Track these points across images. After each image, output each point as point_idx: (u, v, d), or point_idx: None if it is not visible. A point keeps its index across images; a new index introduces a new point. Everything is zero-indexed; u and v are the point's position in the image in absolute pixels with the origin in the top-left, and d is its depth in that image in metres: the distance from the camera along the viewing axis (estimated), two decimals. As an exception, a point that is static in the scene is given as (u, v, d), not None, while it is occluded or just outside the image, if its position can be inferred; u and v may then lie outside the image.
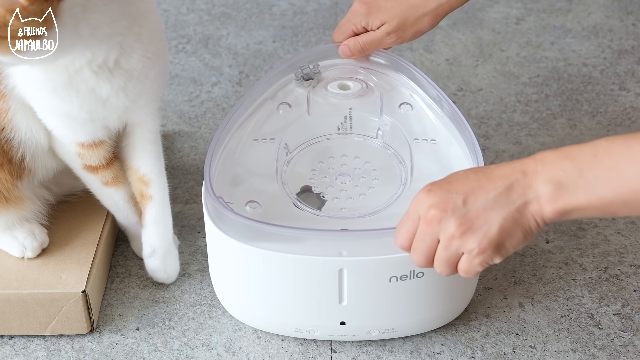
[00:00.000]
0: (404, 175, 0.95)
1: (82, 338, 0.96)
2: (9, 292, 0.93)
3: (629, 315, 0.97)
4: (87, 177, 0.98)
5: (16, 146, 0.92)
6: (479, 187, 0.75)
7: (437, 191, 0.76)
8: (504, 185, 0.74)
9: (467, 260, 0.75)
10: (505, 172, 0.75)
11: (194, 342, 0.95)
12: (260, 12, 1.55)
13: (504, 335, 0.95)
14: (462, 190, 0.75)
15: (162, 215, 0.98)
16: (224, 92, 1.34)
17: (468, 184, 0.75)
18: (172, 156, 1.20)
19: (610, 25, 1.49)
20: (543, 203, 0.73)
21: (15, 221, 0.97)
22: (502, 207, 0.74)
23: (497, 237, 0.74)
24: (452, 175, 0.78)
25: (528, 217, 0.74)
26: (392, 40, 1.01)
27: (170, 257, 1.00)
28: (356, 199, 0.94)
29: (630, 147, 0.70)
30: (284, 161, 0.97)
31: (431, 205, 0.75)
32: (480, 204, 0.74)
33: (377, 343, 0.94)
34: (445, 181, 0.77)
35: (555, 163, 0.73)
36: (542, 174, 0.73)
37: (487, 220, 0.74)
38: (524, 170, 0.74)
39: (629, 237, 1.07)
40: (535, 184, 0.73)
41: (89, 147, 0.93)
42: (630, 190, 0.69)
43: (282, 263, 0.86)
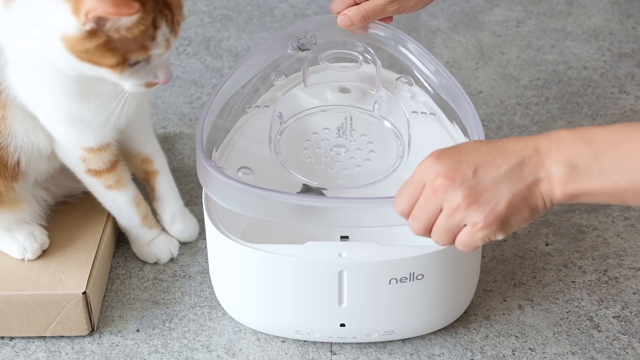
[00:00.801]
0: (401, 148, 0.94)
1: (83, 339, 0.96)
2: (9, 294, 0.93)
3: (628, 318, 0.97)
4: (90, 181, 0.98)
5: (12, 151, 0.93)
6: (490, 159, 0.73)
7: (446, 159, 0.74)
8: (516, 160, 0.72)
9: (469, 233, 0.74)
10: (517, 147, 0.73)
11: (194, 344, 0.95)
12: (261, 14, 1.55)
13: (503, 338, 0.95)
14: (473, 161, 0.73)
15: (170, 183, 1.05)
16: (224, 94, 1.34)
17: (479, 155, 0.73)
18: (172, 158, 1.21)
19: (611, 29, 1.49)
20: (554, 184, 0.71)
21: (13, 223, 0.97)
22: (513, 182, 0.72)
23: (505, 213, 0.72)
24: (461, 145, 0.76)
25: (537, 195, 0.72)
26: (394, 8, 0.96)
27: (188, 217, 1.06)
28: (352, 170, 0.93)
29: None
30: (277, 130, 0.95)
31: (439, 173, 0.73)
32: (490, 177, 0.72)
33: (376, 345, 0.95)
34: (455, 150, 0.75)
35: (570, 144, 0.71)
36: (556, 154, 0.71)
37: (496, 194, 0.72)
38: (537, 147, 0.72)
39: (628, 240, 1.07)
40: (548, 163, 0.71)
41: (96, 151, 0.94)
42: None
43: (283, 265, 0.86)
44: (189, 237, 1.07)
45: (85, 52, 0.79)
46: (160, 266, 1.04)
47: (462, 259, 0.90)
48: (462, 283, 0.92)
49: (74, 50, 0.79)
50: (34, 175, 0.97)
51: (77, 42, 0.78)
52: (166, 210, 1.05)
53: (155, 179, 1.04)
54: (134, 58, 0.80)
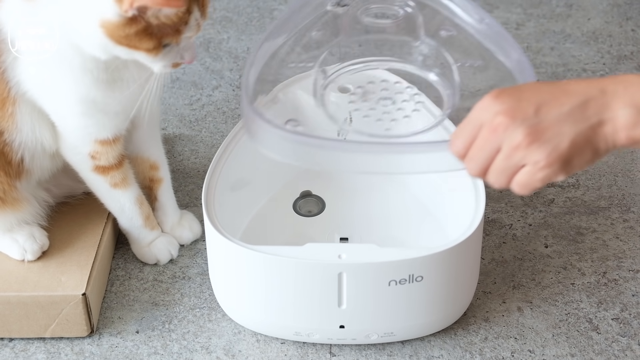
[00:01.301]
0: (450, 99, 0.91)
1: (82, 341, 0.96)
2: (9, 295, 0.93)
3: (627, 320, 0.97)
4: (95, 179, 0.98)
5: (16, 148, 0.93)
6: (552, 98, 0.70)
7: (506, 98, 0.71)
8: (580, 100, 0.70)
9: (529, 173, 0.71)
10: (581, 88, 0.70)
11: (194, 345, 0.95)
12: (260, 16, 1.55)
13: (502, 340, 0.95)
14: (534, 100, 0.70)
15: (171, 193, 1.07)
16: (224, 96, 1.34)
17: (541, 94, 0.71)
18: (172, 160, 1.21)
19: (610, 31, 1.49)
20: (619, 126, 0.69)
21: (14, 223, 0.97)
22: (577, 122, 0.70)
23: (567, 152, 0.70)
24: (522, 85, 0.74)
25: (600, 137, 0.70)
26: None
27: (190, 218, 1.08)
28: (400, 121, 0.91)
29: None
30: (322, 85, 0.94)
31: (499, 111, 0.70)
32: (553, 116, 0.70)
33: (376, 347, 0.95)
34: (514, 89, 0.72)
35: (638, 86, 0.69)
36: (623, 96, 0.69)
37: (559, 133, 0.70)
38: (603, 88, 0.70)
39: (627, 242, 1.07)
40: (614, 105, 0.69)
41: (109, 143, 0.95)
42: None
43: (282, 266, 0.87)
44: (194, 237, 1.08)
45: (124, 37, 0.82)
46: (160, 267, 1.05)
47: (461, 260, 0.90)
48: (462, 284, 0.93)
49: (113, 35, 0.82)
50: (37, 174, 0.97)
51: (117, 28, 0.81)
52: (167, 219, 1.06)
53: (159, 187, 1.05)
54: (168, 41, 0.84)
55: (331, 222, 1.03)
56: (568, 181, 1.17)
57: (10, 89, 0.89)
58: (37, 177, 0.98)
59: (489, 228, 1.09)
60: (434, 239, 0.98)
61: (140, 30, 0.82)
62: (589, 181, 1.17)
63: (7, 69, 0.88)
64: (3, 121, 0.91)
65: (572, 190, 1.16)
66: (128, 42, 0.82)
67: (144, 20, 0.81)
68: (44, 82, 0.89)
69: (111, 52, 0.84)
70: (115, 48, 0.83)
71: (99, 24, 0.82)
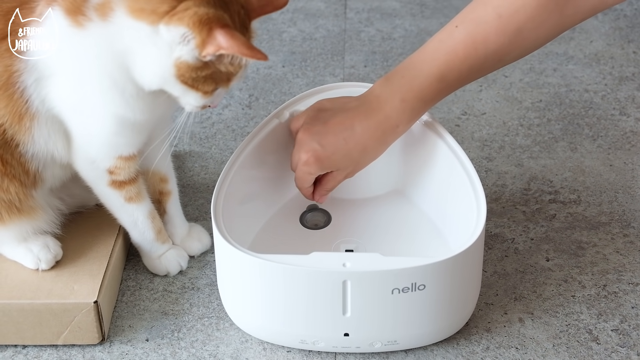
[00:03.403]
0: None
1: (93, 348, 0.99)
2: (23, 302, 0.96)
3: (627, 331, 0.99)
4: (110, 194, 1.00)
5: (29, 158, 0.96)
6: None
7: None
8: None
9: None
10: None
11: (202, 353, 0.97)
12: (270, 37, 1.59)
13: (504, 349, 0.97)
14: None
15: (178, 205, 1.09)
16: (234, 114, 1.37)
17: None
18: (182, 175, 1.24)
19: (612, 53, 1.52)
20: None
21: (29, 232, 1.00)
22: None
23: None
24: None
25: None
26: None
27: (198, 230, 1.11)
28: None
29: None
30: None
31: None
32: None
33: (380, 355, 0.97)
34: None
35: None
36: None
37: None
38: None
39: (627, 256, 1.10)
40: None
41: (131, 159, 0.97)
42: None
43: (287, 274, 0.89)
44: (203, 248, 1.10)
45: (191, 79, 0.86)
46: (170, 278, 1.07)
47: (462, 270, 0.92)
48: (463, 294, 0.95)
49: (182, 75, 0.86)
50: (49, 182, 1.00)
51: (190, 69, 0.86)
52: (176, 231, 1.08)
53: (168, 199, 1.07)
54: (220, 86, 0.89)
55: (337, 234, 1.06)
56: (569, 197, 1.19)
57: (29, 106, 0.92)
58: (49, 185, 1.01)
59: (492, 242, 1.12)
60: (438, 251, 1.01)
61: (209, 74, 0.86)
62: (590, 197, 1.19)
63: (27, 87, 0.91)
64: (20, 134, 0.94)
65: (573, 205, 1.18)
66: (193, 82, 0.87)
67: (214, 67, 0.86)
68: (78, 102, 0.92)
69: (167, 87, 0.88)
70: (175, 86, 0.87)
71: (173, 63, 0.85)
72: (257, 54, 0.83)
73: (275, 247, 1.04)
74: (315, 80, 1.46)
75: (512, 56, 0.95)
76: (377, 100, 0.97)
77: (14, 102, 0.92)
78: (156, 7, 0.84)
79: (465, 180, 0.99)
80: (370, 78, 1.46)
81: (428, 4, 1.70)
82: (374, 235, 1.06)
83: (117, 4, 0.85)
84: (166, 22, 0.84)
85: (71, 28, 0.88)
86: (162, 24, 0.84)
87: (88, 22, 0.87)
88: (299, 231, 1.07)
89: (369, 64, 1.51)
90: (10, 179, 0.96)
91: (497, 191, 1.21)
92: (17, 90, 0.91)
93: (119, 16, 0.85)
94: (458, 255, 0.89)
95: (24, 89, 0.91)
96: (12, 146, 0.94)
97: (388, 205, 1.10)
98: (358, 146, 0.97)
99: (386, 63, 1.51)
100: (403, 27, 1.62)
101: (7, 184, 0.96)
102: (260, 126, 1.06)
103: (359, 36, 1.60)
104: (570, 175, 1.24)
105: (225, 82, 0.89)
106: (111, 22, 0.86)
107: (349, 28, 1.62)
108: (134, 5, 0.84)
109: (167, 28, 0.84)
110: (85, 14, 0.87)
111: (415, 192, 1.10)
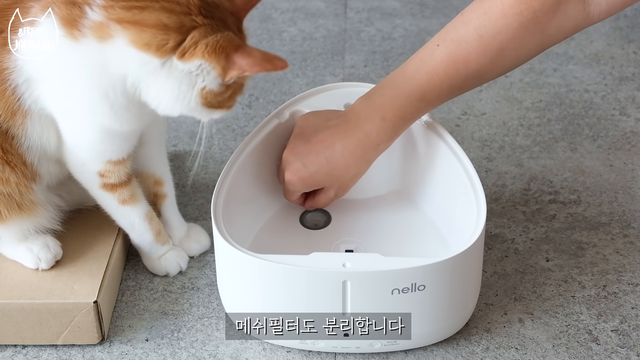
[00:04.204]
0: None
1: (93, 348, 0.99)
2: (23, 302, 0.96)
3: (627, 332, 0.99)
4: (103, 196, 1.00)
5: (26, 151, 0.96)
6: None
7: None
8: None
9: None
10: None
11: (202, 353, 0.97)
12: (270, 37, 1.59)
13: (503, 350, 0.97)
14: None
15: (175, 208, 1.09)
16: (234, 114, 1.37)
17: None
18: (182, 175, 1.24)
19: (612, 53, 1.52)
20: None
21: (30, 230, 1.00)
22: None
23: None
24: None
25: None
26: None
27: (197, 230, 1.11)
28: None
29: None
30: None
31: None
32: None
33: (379, 356, 0.97)
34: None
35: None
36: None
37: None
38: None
39: (627, 256, 1.10)
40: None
41: (121, 163, 0.97)
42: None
43: (287, 274, 0.89)
44: (202, 249, 1.10)
45: (219, 102, 0.87)
46: (170, 278, 1.07)
47: (462, 270, 0.92)
48: (463, 295, 0.95)
49: (208, 102, 0.86)
50: (46, 178, 1.00)
51: (215, 95, 0.86)
52: (174, 233, 1.08)
53: (163, 202, 1.07)
54: (238, 95, 0.89)
55: (337, 234, 1.06)
56: (569, 197, 1.19)
57: (21, 103, 0.92)
58: (47, 182, 1.01)
59: (491, 242, 1.12)
60: (438, 252, 1.01)
61: (233, 92, 0.87)
62: (590, 197, 1.19)
63: (18, 85, 0.91)
64: (14, 129, 0.94)
65: (573, 206, 1.18)
66: (220, 104, 0.87)
67: (236, 83, 0.86)
68: (66, 109, 0.92)
69: (192, 114, 0.88)
70: (202, 111, 0.87)
71: (197, 93, 0.85)
72: (278, 65, 0.83)
73: (275, 247, 1.04)
74: (316, 80, 1.46)
75: (493, 74, 0.95)
76: (357, 118, 0.97)
77: (6, 99, 0.92)
78: (162, 43, 0.83)
79: (465, 180, 0.99)
80: (370, 78, 1.46)
81: (428, 3, 1.70)
82: (374, 236, 1.06)
83: (118, 32, 0.84)
84: (179, 58, 0.84)
85: (65, 39, 0.87)
86: (176, 59, 0.84)
87: (83, 38, 0.86)
88: (299, 231, 1.07)
89: (369, 63, 1.51)
90: (11, 168, 0.95)
91: (497, 191, 1.21)
92: (8, 87, 0.91)
93: (120, 44, 0.84)
94: (458, 255, 0.89)
95: (16, 86, 0.91)
96: (9, 138, 0.94)
97: (388, 206, 1.10)
98: (339, 165, 0.98)
99: (386, 63, 1.51)
100: (403, 26, 1.62)
101: (8, 174, 0.95)
102: (261, 126, 1.06)
103: (359, 36, 1.60)
104: (570, 176, 1.24)
105: (240, 89, 0.89)
106: (109, 46, 0.85)
107: (349, 28, 1.62)
108: (138, 39, 0.83)
109: (182, 63, 0.84)
110: (81, 30, 0.85)
111: (415, 193, 1.10)
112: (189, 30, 0.83)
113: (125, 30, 0.84)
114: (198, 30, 0.83)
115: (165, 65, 0.84)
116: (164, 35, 0.83)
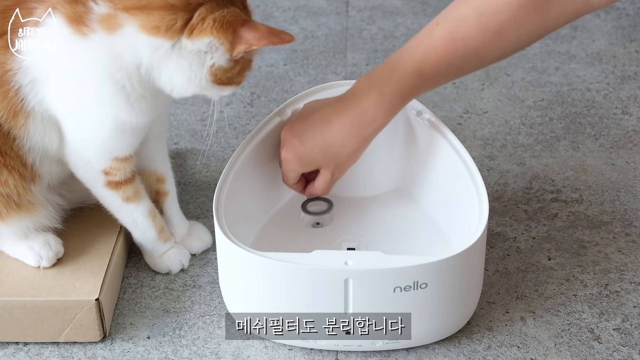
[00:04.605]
0: None
1: (95, 345, 0.99)
2: (24, 300, 0.96)
3: (628, 330, 0.99)
4: (107, 194, 1.00)
5: (27, 152, 0.96)
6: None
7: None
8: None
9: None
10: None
11: (203, 351, 0.97)
12: (272, 36, 1.59)
13: (505, 348, 0.97)
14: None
15: (177, 206, 1.09)
16: (235, 112, 1.37)
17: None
18: (184, 173, 1.24)
19: (614, 52, 1.52)
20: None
21: (30, 228, 1.00)
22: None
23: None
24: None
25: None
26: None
27: (199, 228, 1.11)
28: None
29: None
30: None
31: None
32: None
33: (381, 354, 0.97)
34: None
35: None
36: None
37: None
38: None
39: (629, 255, 1.09)
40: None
41: (125, 160, 0.97)
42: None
43: (289, 272, 0.89)
44: (204, 247, 1.10)
45: (227, 78, 0.88)
46: (171, 276, 1.07)
47: (464, 268, 0.92)
48: (465, 293, 0.95)
49: (218, 79, 0.88)
50: (47, 178, 1.00)
51: (225, 71, 0.87)
52: (175, 230, 1.08)
53: (165, 200, 1.07)
54: (247, 71, 0.90)
55: (339, 232, 1.06)
56: (571, 196, 1.19)
57: (24, 104, 0.92)
58: (47, 182, 1.01)
59: (493, 241, 1.12)
60: (440, 250, 1.01)
61: (241, 67, 0.88)
62: (592, 196, 1.19)
63: (22, 86, 0.91)
64: (16, 129, 0.94)
65: (575, 204, 1.18)
66: (229, 80, 0.88)
67: (245, 58, 0.87)
68: (76, 108, 0.92)
69: (203, 92, 0.89)
70: (212, 89, 0.89)
71: (207, 71, 0.87)
72: (284, 38, 0.85)
73: (277, 244, 1.04)
74: (317, 79, 1.46)
75: (493, 56, 0.95)
76: (354, 96, 0.97)
77: (8, 100, 0.92)
78: (171, 24, 0.84)
79: (467, 178, 0.99)
80: (372, 76, 1.46)
81: (430, 2, 1.70)
82: (376, 234, 1.05)
83: (126, 21, 0.85)
84: (187, 36, 0.84)
85: (72, 36, 0.87)
86: (184, 38, 0.85)
87: (92, 32, 0.86)
88: (301, 229, 1.07)
89: (370, 62, 1.51)
90: (9, 171, 0.95)
91: (499, 190, 1.21)
92: (11, 89, 0.91)
93: (130, 32, 0.85)
94: (460, 253, 0.89)
95: (19, 88, 0.91)
96: (9, 139, 0.94)
97: (390, 204, 1.10)
98: (335, 141, 0.97)
99: (388, 61, 1.51)
100: (405, 25, 1.62)
101: (5, 176, 0.95)
102: (262, 124, 1.06)
103: (361, 34, 1.60)
104: (572, 174, 1.24)
105: (249, 64, 0.90)
106: (119, 36, 0.86)
107: (351, 26, 1.62)
108: (146, 24, 0.84)
109: (191, 41, 0.85)
110: (88, 25, 0.86)
111: (418, 191, 1.10)
112: (195, 8, 0.84)
113: (134, 17, 0.84)
114: (204, 7, 0.84)
115: (175, 47, 0.85)
116: (172, 15, 0.84)
